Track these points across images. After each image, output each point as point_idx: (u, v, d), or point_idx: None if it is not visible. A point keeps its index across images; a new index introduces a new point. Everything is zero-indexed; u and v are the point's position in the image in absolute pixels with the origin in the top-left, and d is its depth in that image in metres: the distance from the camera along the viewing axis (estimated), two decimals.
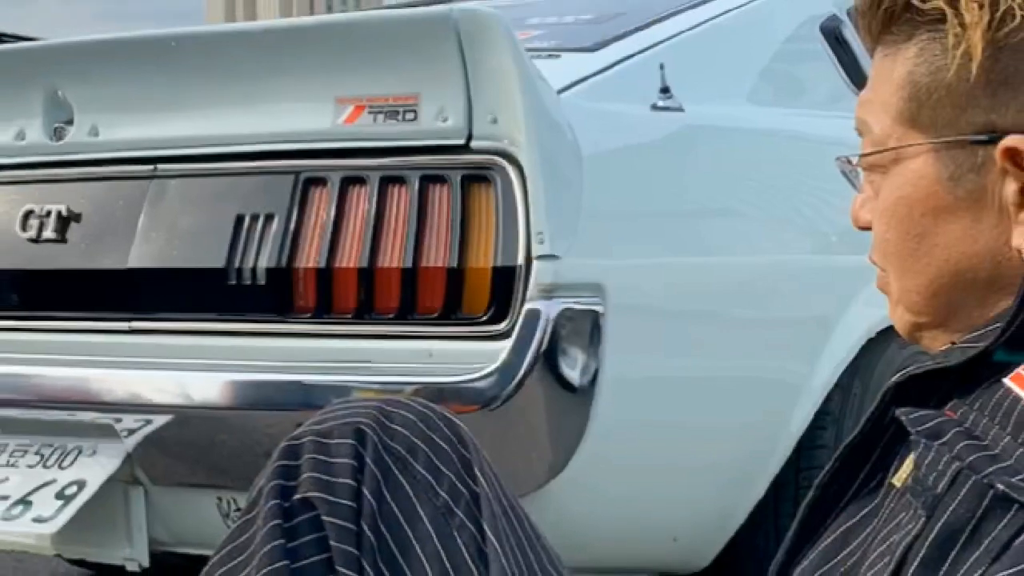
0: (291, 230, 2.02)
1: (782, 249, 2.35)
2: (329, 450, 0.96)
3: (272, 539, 0.94)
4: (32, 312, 2.25)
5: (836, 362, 2.29)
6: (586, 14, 2.72)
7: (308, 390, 1.92)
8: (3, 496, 2.09)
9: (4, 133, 2.29)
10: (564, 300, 1.89)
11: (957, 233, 0.91)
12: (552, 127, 1.93)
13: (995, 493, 0.79)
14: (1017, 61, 0.88)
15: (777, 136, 2.44)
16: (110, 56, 2.23)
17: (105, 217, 2.19)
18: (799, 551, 0.96)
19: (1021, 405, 0.81)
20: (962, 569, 0.79)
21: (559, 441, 1.93)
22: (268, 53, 2.11)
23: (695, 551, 2.24)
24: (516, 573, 0.93)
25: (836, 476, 0.96)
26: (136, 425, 2.07)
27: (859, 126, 0.96)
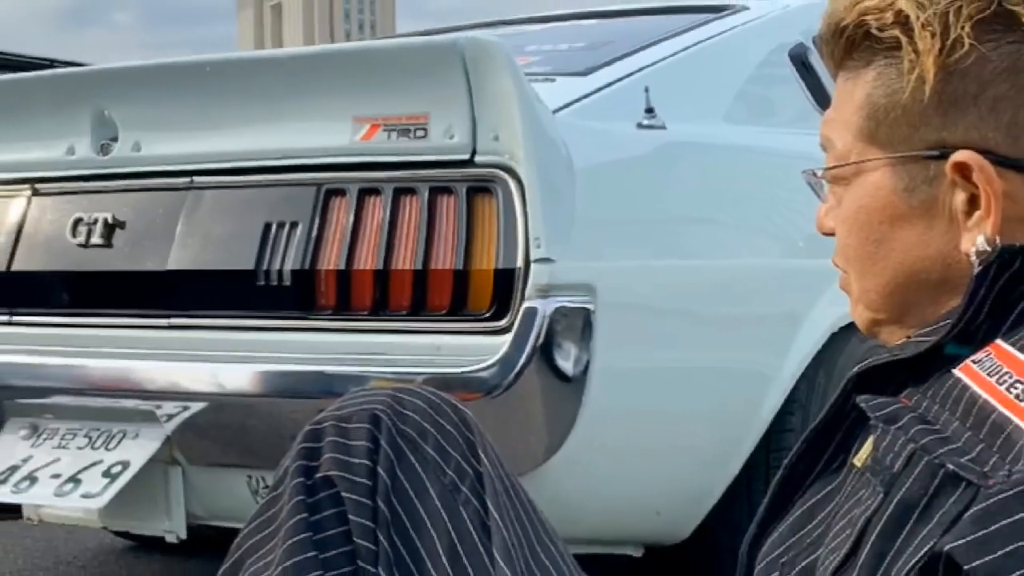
0: (313, 236, 2.02)
1: (755, 253, 2.35)
2: (348, 434, 0.96)
3: (296, 513, 0.94)
4: (81, 310, 2.25)
5: (803, 355, 2.29)
6: (578, 42, 2.73)
7: (329, 380, 1.92)
8: (55, 474, 2.09)
9: (56, 149, 2.29)
10: (559, 299, 1.89)
11: (911, 239, 0.91)
12: (548, 143, 1.93)
13: (946, 472, 0.79)
14: (966, 84, 0.88)
15: (750, 152, 2.44)
16: (151, 80, 2.23)
17: (146, 224, 2.19)
18: (770, 524, 0.96)
19: (969, 393, 0.81)
20: (916, 540, 0.79)
21: (554, 425, 1.93)
22: (293, 77, 2.11)
23: (676, 524, 2.24)
24: (516, 544, 0.93)
25: (803, 457, 0.95)
26: (175, 411, 2.07)
27: (823, 142, 0.96)
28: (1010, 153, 0.87)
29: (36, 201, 2.34)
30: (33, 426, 2.20)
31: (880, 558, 0.81)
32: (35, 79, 2.40)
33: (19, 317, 2.32)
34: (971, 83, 0.88)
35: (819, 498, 0.92)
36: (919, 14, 0.88)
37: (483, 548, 0.92)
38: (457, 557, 0.92)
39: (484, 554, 0.92)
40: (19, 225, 2.33)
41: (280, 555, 0.93)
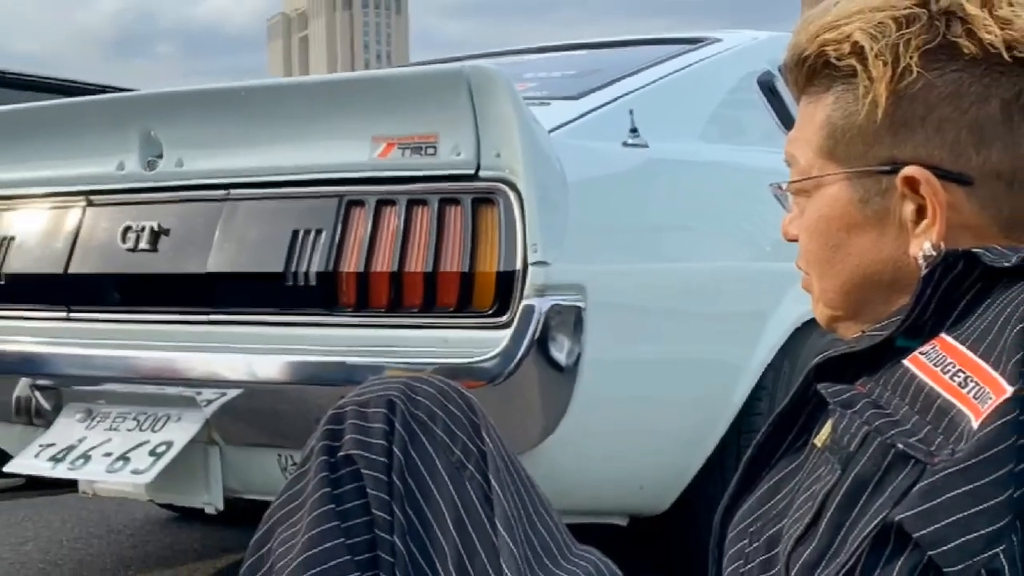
0: (336, 242, 2.02)
1: (727, 257, 2.35)
2: (367, 417, 0.96)
3: (321, 488, 0.94)
4: (130, 307, 2.25)
5: (770, 347, 2.29)
6: (570, 70, 2.73)
7: (349, 369, 1.92)
8: (107, 453, 2.09)
9: (107, 165, 2.29)
10: (553, 298, 1.89)
11: (866, 244, 0.91)
12: (544, 160, 1.93)
13: (896, 451, 0.79)
14: (914, 107, 0.88)
15: (723, 167, 2.43)
16: (192, 103, 2.23)
17: (188, 232, 2.19)
18: (740, 498, 0.96)
19: (917, 381, 0.81)
20: (870, 512, 0.79)
21: (549, 410, 1.93)
22: (318, 101, 2.11)
23: (657, 497, 2.24)
24: (515, 515, 0.93)
25: (770, 438, 0.95)
26: (213, 397, 2.07)
27: (788, 159, 0.96)
28: (953, 168, 0.87)
29: (90, 211, 2.34)
30: (88, 410, 2.21)
31: (838, 528, 0.81)
32: (89, 103, 2.40)
33: (75, 314, 2.32)
34: (919, 106, 0.88)
35: (784, 474, 0.92)
36: (872, 45, 0.88)
37: (486, 518, 0.92)
38: (463, 526, 0.92)
39: (487, 523, 0.92)
40: (75, 232, 2.33)
41: (306, 524, 0.93)
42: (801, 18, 0.94)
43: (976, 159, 0.87)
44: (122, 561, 2.80)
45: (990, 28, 0.87)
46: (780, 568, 0.86)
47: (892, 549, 0.77)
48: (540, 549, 0.92)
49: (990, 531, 0.72)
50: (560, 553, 0.93)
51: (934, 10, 0.88)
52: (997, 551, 0.72)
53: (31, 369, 2.26)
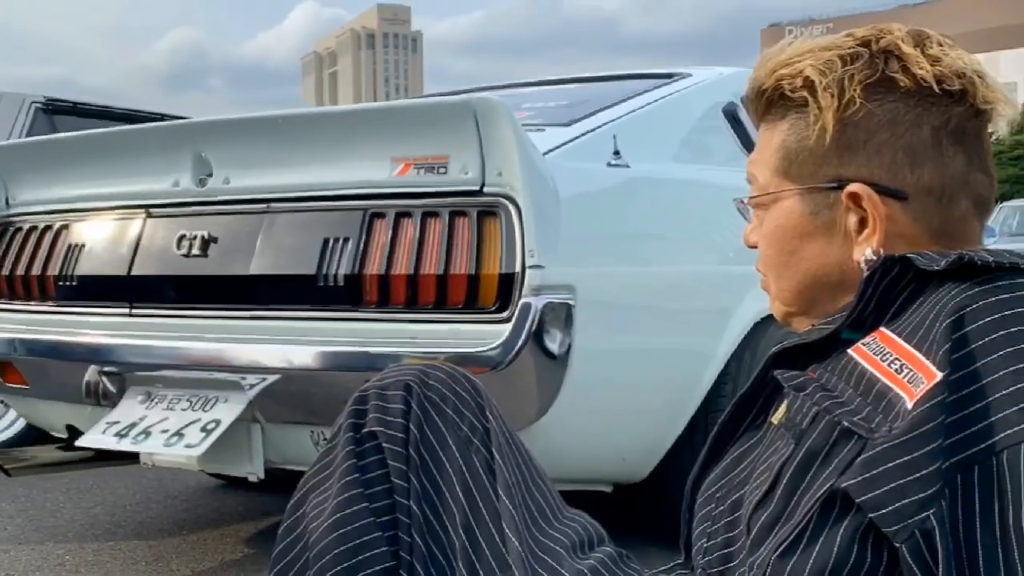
0: (360, 249, 2.02)
1: (697, 261, 2.35)
2: (387, 399, 0.96)
3: (348, 459, 0.94)
4: (184, 304, 2.25)
5: (733, 339, 2.29)
6: (562, 101, 2.73)
7: (372, 358, 1.92)
8: (164, 430, 2.09)
9: (164, 182, 2.29)
10: (547, 296, 1.89)
11: (816, 250, 0.91)
12: (539, 178, 1.93)
13: (842, 428, 0.79)
14: (857, 133, 0.88)
15: (693, 184, 2.43)
16: (238, 129, 2.23)
17: (233, 240, 2.19)
18: (708, 468, 0.96)
19: (859, 368, 0.81)
20: (819, 480, 0.79)
21: (544, 393, 1.93)
22: (345, 127, 2.11)
23: (637, 468, 2.24)
24: (514, 483, 0.93)
25: (733, 417, 0.95)
26: (256, 381, 2.07)
27: (749, 177, 0.96)
28: (891, 185, 0.87)
29: (149, 222, 2.34)
30: (148, 393, 2.21)
31: (792, 494, 0.81)
32: (149, 129, 2.40)
33: (137, 310, 2.32)
34: (861, 132, 0.88)
35: (745, 448, 0.92)
36: (821, 79, 0.88)
37: (489, 486, 0.92)
38: (470, 492, 0.92)
39: (490, 490, 0.91)
40: (136, 240, 2.34)
41: (335, 491, 0.93)
42: (760, 56, 0.94)
43: (910, 177, 0.87)
44: (177, 523, 2.80)
45: (922, 65, 0.87)
46: (742, 528, 0.86)
47: (838, 512, 0.77)
48: (536, 512, 0.92)
49: (922, 497, 0.72)
50: (553, 516, 0.93)
51: (874, 49, 0.89)
52: (928, 514, 0.72)
53: (99, 358, 2.26)
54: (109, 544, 2.57)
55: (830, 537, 0.77)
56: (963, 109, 0.88)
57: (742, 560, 0.84)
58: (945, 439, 0.72)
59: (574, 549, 0.90)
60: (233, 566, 2.37)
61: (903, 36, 0.89)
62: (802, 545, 0.78)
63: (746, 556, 0.84)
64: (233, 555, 2.47)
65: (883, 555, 0.75)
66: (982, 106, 0.88)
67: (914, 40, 0.89)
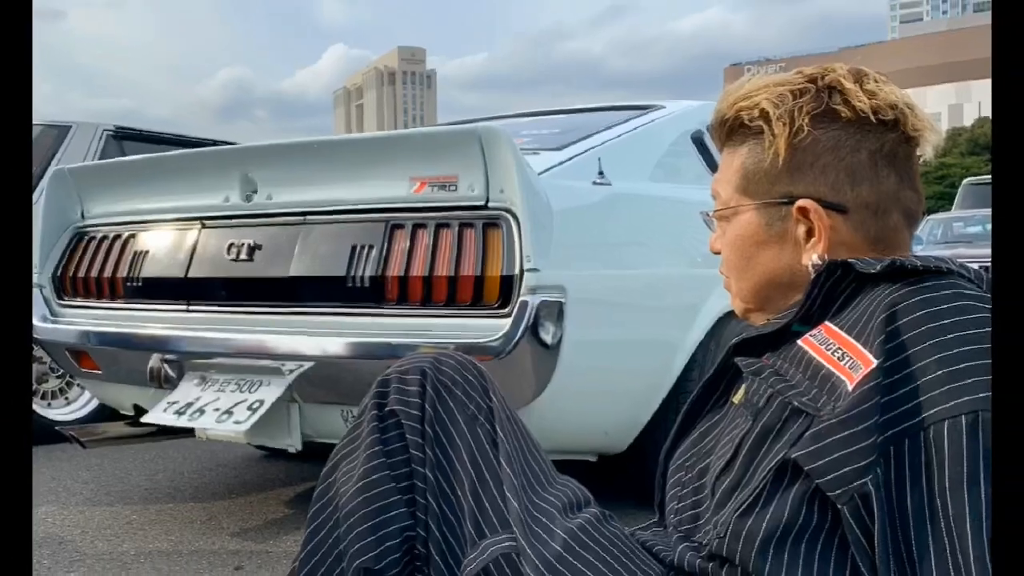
0: (383, 254, 2.02)
1: (669, 265, 2.35)
2: (406, 382, 0.96)
3: (372, 434, 0.94)
4: (233, 302, 2.26)
5: (700, 331, 2.29)
6: (555, 129, 2.73)
7: (393, 347, 1.92)
8: (216, 408, 2.09)
9: (216, 198, 2.29)
10: (542, 295, 1.89)
11: (770, 256, 0.91)
12: (535, 194, 1.93)
13: (792, 407, 0.79)
14: (805, 156, 0.88)
15: (666, 200, 2.43)
16: (279, 153, 2.23)
17: (275, 247, 2.19)
18: (678, 441, 0.96)
19: (807, 356, 0.81)
20: (773, 451, 0.79)
21: (539, 377, 1.93)
22: (369, 151, 2.11)
23: (618, 440, 2.24)
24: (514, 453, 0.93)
25: (700, 397, 0.95)
26: (294, 368, 2.07)
27: (713, 194, 0.96)
28: (834, 200, 0.87)
29: (204, 232, 2.34)
30: (202, 377, 2.21)
31: (750, 463, 0.81)
32: (204, 153, 2.40)
33: (193, 307, 2.33)
34: (808, 155, 0.88)
35: (710, 424, 0.92)
36: (775, 111, 0.88)
37: (492, 456, 0.92)
38: (476, 461, 0.92)
39: (493, 460, 0.91)
40: (192, 247, 2.34)
41: (361, 460, 0.93)
42: (723, 91, 0.95)
43: (851, 194, 0.87)
44: (227, 487, 2.80)
45: (861, 98, 0.87)
46: (708, 492, 0.86)
47: (789, 479, 0.77)
48: (532, 479, 0.92)
49: (860, 465, 0.72)
50: (547, 481, 0.93)
51: (820, 85, 0.89)
52: (866, 480, 0.72)
53: (161, 347, 2.26)
54: (169, 506, 2.57)
55: (782, 500, 0.77)
56: (895, 136, 0.88)
57: (708, 519, 0.84)
58: (880, 416, 0.72)
59: (565, 510, 0.90)
60: (274, 524, 2.37)
61: (845, 74, 0.89)
62: (758, 507, 0.78)
63: (711, 516, 0.84)
64: (275, 515, 2.47)
65: (827, 515, 0.75)
66: (912, 133, 0.88)
67: (854, 77, 0.89)
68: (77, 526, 2.37)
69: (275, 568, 2.01)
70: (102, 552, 2.15)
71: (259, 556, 2.10)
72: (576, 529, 0.87)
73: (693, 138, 2.70)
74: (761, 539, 0.76)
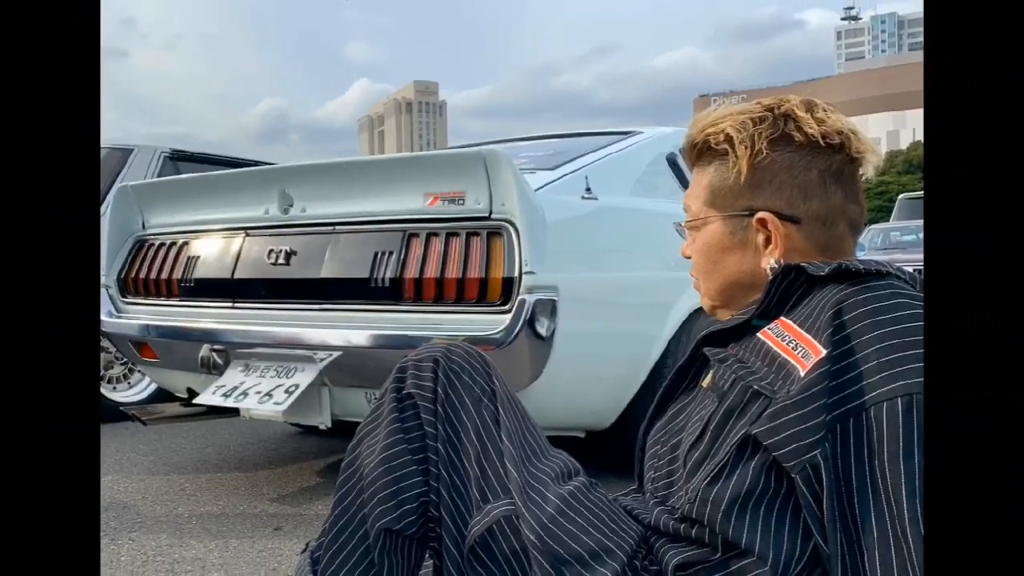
0: (401, 259, 2.02)
1: (647, 269, 2.35)
2: (421, 369, 0.96)
3: (392, 413, 0.94)
4: (272, 300, 2.25)
5: (673, 325, 2.29)
6: (548, 151, 2.72)
7: (410, 339, 1.92)
8: (258, 391, 2.09)
9: (258, 210, 2.29)
10: (538, 294, 1.89)
11: (733, 260, 0.91)
12: (532, 208, 1.93)
13: (753, 391, 0.79)
14: (764, 174, 0.88)
15: (645, 212, 2.43)
16: (312, 172, 2.23)
17: (309, 252, 2.19)
18: (655, 419, 0.96)
19: (766, 346, 0.81)
20: (736, 428, 0.79)
21: (535, 365, 1.93)
22: (389, 171, 2.11)
23: (603, 418, 2.24)
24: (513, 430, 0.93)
25: (673, 382, 0.95)
26: (324, 356, 2.07)
27: (685, 207, 0.96)
28: (789, 212, 0.87)
29: (247, 240, 2.34)
30: (246, 364, 2.21)
31: (716, 439, 0.81)
32: (247, 172, 2.40)
33: (238, 304, 2.32)
34: (767, 174, 0.88)
35: (682, 405, 0.92)
36: (738, 136, 0.88)
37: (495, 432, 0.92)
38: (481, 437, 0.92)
39: (496, 435, 0.91)
40: (237, 253, 2.33)
41: (382, 436, 0.93)
42: (693, 119, 0.95)
43: (803, 207, 0.87)
44: (267, 459, 2.80)
45: (811, 125, 0.87)
46: (680, 464, 0.86)
47: (750, 452, 0.77)
48: (529, 451, 0.92)
49: (811, 440, 0.72)
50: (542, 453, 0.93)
51: (776, 113, 0.89)
52: (816, 453, 0.72)
53: (210, 339, 2.26)
54: (217, 475, 2.57)
55: (744, 470, 0.77)
56: (841, 157, 0.88)
57: (680, 487, 0.84)
58: (828, 398, 0.72)
59: (557, 478, 0.90)
60: (308, 491, 2.37)
61: (798, 104, 0.89)
62: (724, 476, 0.78)
63: (683, 484, 0.84)
64: (308, 483, 2.47)
65: (783, 483, 0.75)
66: (855, 155, 0.88)
67: (806, 107, 0.89)
68: (138, 492, 2.37)
69: (308, 528, 2.01)
70: (159, 515, 2.15)
71: (295, 518, 2.10)
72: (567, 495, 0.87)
73: (667, 159, 2.70)
74: (726, 503, 0.77)
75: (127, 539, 1.95)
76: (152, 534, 1.99)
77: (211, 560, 1.81)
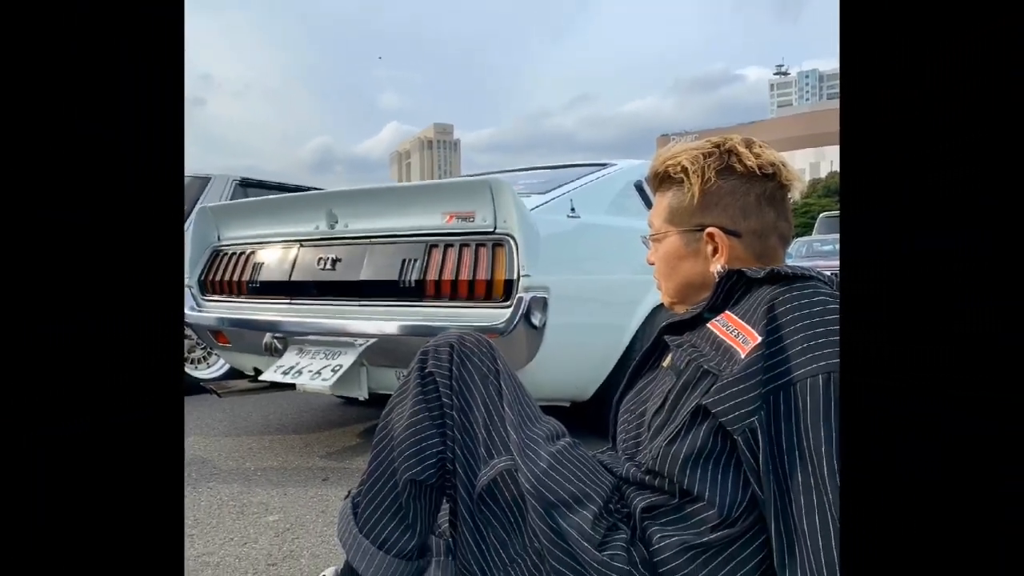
0: (424, 265, 2.02)
1: (619, 273, 2.34)
2: (439, 352, 0.96)
3: (416, 387, 0.94)
4: (322, 298, 2.25)
5: (640, 318, 2.28)
6: (541, 179, 2.72)
7: (431, 329, 1.92)
8: (310, 370, 2.08)
9: (310, 226, 2.28)
10: (533, 293, 1.89)
11: (688, 266, 0.91)
12: (528, 224, 1.93)
13: (703, 370, 0.79)
14: (712, 198, 0.88)
15: (618, 228, 2.42)
16: (354, 196, 2.23)
17: (351, 260, 2.19)
18: (626, 392, 0.96)
19: (713, 334, 0.81)
20: (690, 401, 0.79)
21: (530, 349, 1.93)
22: (416, 195, 2.10)
23: (585, 391, 2.24)
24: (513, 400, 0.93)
25: (640, 363, 0.95)
26: (363, 342, 2.06)
27: (649, 224, 0.96)
28: (732, 228, 0.87)
29: (301, 249, 2.34)
30: (300, 349, 2.20)
31: (673, 408, 0.81)
32: (301, 196, 2.40)
33: (294, 301, 2.32)
34: (714, 197, 0.88)
35: (647, 381, 0.92)
36: (692, 167, 0.88)
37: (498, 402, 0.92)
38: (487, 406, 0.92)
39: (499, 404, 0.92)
40: (294, 260, 2.33)
41: (409, 405, 0.93)
42: (656, 153, 0.95)
43: (744, 224, 0.87)
44: (316, 423, 2.80)
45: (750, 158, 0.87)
46: (645, 428, 0.86)
47: (701, 418, 0.77)
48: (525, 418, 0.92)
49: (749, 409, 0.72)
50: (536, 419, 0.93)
51: (722, 149, 0.89)
52: (753, 419, 0.72)
53: (272, 328, 2.25)
54: (278, 437, 2.57)
55: (696, 433, 0.77)
56: (774, 184, 0.88)
57: (645, 446, 0.84)
58: (763, 375, 0.72)
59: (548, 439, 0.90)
60: (349, 449, 2.37)
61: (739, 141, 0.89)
62: (680, 437, 0.78)
63: (647, 443, 0.84)
64: (349, 443, 2.46)
65: (728, 444, 0.75)
66: (785, 182, 0.88)
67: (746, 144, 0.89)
68: (215, 450, 2.37)
69: (351, 479, 2.01)
70: (232, 468, 2.15)
71: (339, 471, 2.10)
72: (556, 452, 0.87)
73: (635, 185, 2.70)
74: (682, 459, 0.77)
75: (205, 487, 1.95)
76: (225, 483, 1.99)
77: (272, 504, 1.81)
